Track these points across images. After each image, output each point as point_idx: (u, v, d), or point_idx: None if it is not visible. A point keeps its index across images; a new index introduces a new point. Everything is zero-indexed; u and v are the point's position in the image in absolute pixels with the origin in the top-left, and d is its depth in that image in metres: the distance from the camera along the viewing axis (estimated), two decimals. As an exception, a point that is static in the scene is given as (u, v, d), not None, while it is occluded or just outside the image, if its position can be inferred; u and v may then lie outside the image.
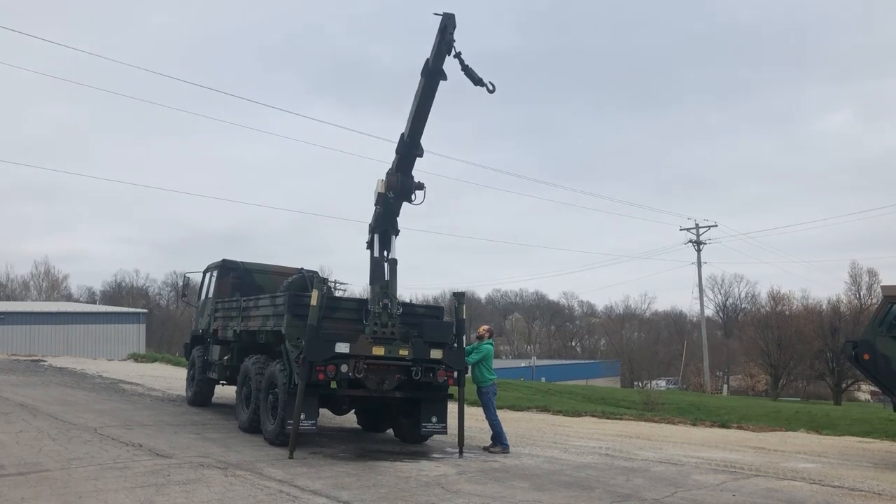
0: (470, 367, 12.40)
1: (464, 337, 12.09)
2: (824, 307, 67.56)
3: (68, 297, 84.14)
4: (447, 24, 10.70)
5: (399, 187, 11.61)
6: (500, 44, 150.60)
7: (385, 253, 11.88)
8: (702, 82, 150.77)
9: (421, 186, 11.73)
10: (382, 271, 11.69)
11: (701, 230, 59.76)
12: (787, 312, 67.54)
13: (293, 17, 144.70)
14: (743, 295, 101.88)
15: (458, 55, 10.82)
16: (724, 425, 18.38)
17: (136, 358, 35.05)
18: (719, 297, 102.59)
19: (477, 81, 10.88)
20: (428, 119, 11.43)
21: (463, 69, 10.90)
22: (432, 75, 11.00)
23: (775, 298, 72.25)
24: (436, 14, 10.81)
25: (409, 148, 11.54)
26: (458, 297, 12.41)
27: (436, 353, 11.50)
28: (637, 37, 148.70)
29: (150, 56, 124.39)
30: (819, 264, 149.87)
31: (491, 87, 10.89)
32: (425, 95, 11.20)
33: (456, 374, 11.76)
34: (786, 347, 60.48)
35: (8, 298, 76.37)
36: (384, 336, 11.16)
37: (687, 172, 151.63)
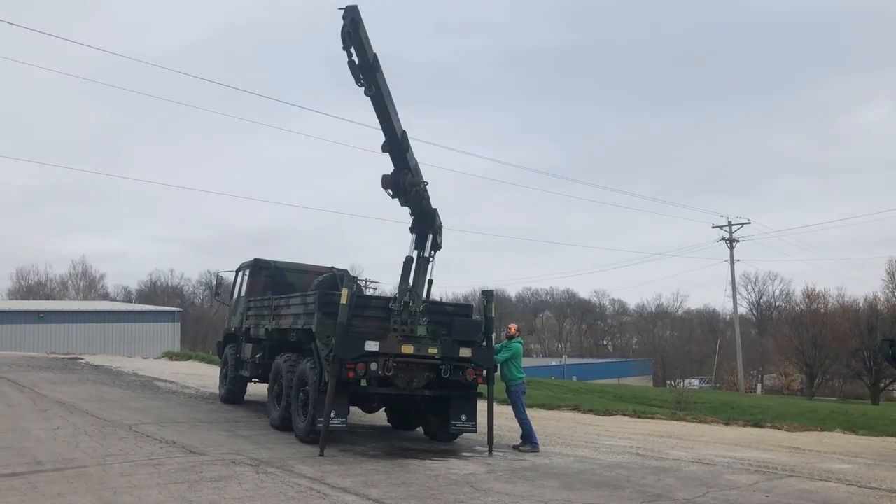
0: (499, 366, 12.39)
1: (493, 335, 12.09)
2: (861, 305, 66.44)
3: (105, 297, 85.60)
4: (344, 17, 10.78)
5: (392, 184, 11.67)
6: (530, 40, 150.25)
7: (420, 252, 11.92)
8: (733, 77, 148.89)
9: (417, 183, 11.63)
10: (410, 270, 11.74)
11: (734, 227, 59.06)
12: (822, 310, 66.38)
13: (319, 14, 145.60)
14: (777, 293, 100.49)
15: (347, 48, 10.91)
16: (757, 425, 18.14)
17: (171, 356, 35.56)
18: (753, 294, 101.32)
19: (357, 80, 11.04)
20: (391, 111, 11.36)
21: (349, 63, 10.98)
22: (367, 69, 11.05)
23: (810, 296, 71.10)
24: (339, 8, 10.87)
25: (391, 144, 11.59)
26: (487, 295, 12.40)
27: (465, 352, 11.51)
28: (668, 31, 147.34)
29: (184, 58, 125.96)
30: (855, 261, 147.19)
31: (370, 91, 11.06)
32: (373, 87, 11.25)
33: (485, 372, 11.77)
34: (821, 346, 59.48)
35: (47, 297, 77.95)
36: (404, 334, 11.19)
37: (720, 169, 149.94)
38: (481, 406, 12.02)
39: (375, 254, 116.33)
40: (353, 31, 10.72)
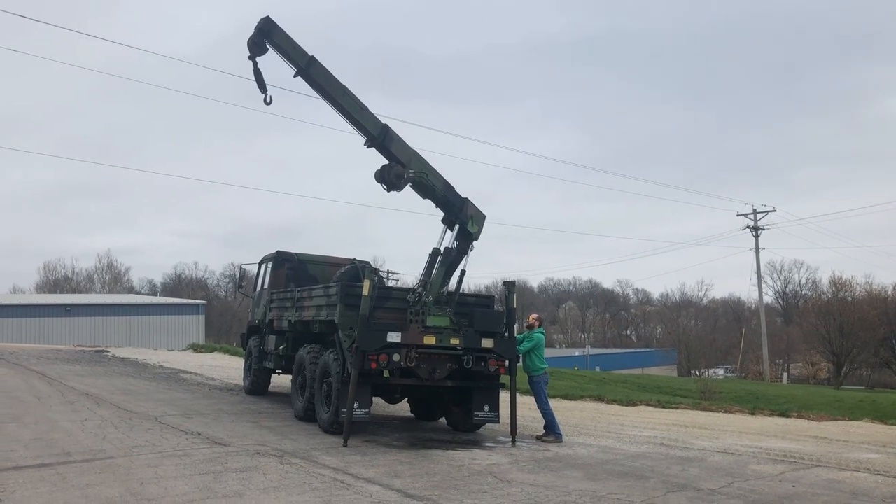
0: (521, 356, 12.37)
1: (515, 326, 12.06)
2: (889, 293, 65.62)
3: (130, 290, 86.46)
4: (255, 28, 11.45)
5: (381, 178, 11.79)
6: (551, 29, 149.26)
7: (450, 243, 11.96)
8: (758, 65, 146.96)
9: (402, 175, 11.66)
10: (434, 261, 11.76)
11: (759, 215, 58.46)
12: (849, 298, 65.54)
13: (347, 8, 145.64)
14: (803, 281, 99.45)
15: (252, 56, 11.63)
16: (783, 414, 17.98)
17: (196, 348, 35.83)
18: (778, 283, 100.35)
19: (262, 87, 11.84)
20: (351, 109, 11.54)
21: (253, 71, 11.75)
22: (302, 75, 11.47)
23: (837, 284, 70.18)
24: (259, 21, 11.43)
25: (371, 141, 11.70)
26: (509, 286, 12.39)
27: (487, 343, 11.50)
28: (692, 20, 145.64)
29: (207, 52, 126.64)
30: (883, 249, 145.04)
31: (269, 100, 11.95)
32: (319, 91, 11.55)
33: (507, 362, 11.75)
34: (848, 335, 58.73)
35: (73, 291, 78.83)
36: (421, 324, 11.21)
37: (745, 157, 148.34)
38: (504, 396, 12.01)
39: (405, 246, 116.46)
40: (259, 40, 11.42)
